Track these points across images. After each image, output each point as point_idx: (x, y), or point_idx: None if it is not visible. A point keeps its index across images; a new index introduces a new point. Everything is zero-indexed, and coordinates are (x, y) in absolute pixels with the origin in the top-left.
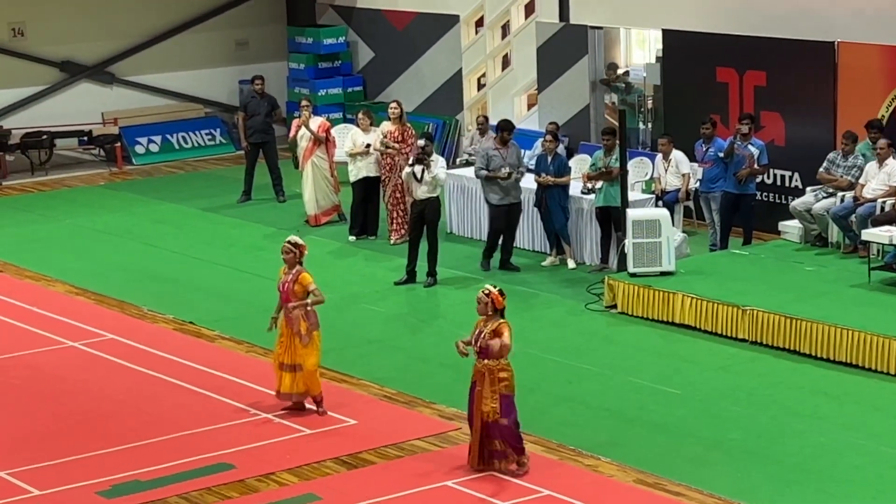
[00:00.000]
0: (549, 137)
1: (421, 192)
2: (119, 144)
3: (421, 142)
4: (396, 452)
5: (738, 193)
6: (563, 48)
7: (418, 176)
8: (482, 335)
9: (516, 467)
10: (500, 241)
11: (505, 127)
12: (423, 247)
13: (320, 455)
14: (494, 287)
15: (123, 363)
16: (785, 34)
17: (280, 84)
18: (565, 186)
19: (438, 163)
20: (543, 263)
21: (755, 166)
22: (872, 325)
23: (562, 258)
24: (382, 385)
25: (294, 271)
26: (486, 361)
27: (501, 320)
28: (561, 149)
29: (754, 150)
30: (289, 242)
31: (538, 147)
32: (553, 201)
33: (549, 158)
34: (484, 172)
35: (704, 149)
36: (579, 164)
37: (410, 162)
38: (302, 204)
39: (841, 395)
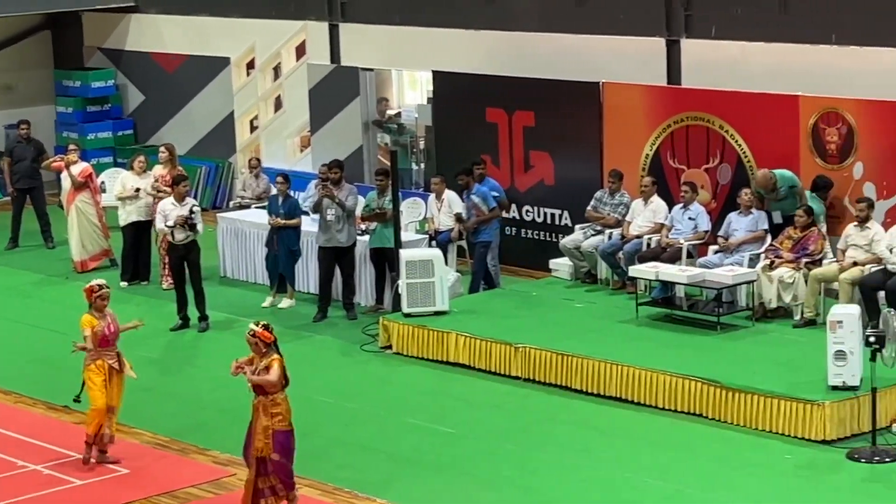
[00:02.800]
0: (280, 179)
1: (180, 235)
2: None
3: (186, 211)
4: (170, 501)
5: (475, 242)
6: (335, 90)
7: (177, 237)
8: (256, 371)
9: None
10: (330, 289)
11: (331, 166)
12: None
13: None
14: (257, 324)
15: None
16: (552, 75)
17: (47, 128)
18: (296, 228)
19: (196, 213)
20: (264, 305)
21: (485, 213)
22: (641, 360)
23: (281, 296)
24: (155, 433)
25: (108, 313)
26: (260, 397)
27: (275, 355)
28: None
29: (476, 200)
30: (106, 287)
31: (311, 189)
32: (282, 243)
33: (281, 200)
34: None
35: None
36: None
37: (172, 224)
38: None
39: (612, 430)
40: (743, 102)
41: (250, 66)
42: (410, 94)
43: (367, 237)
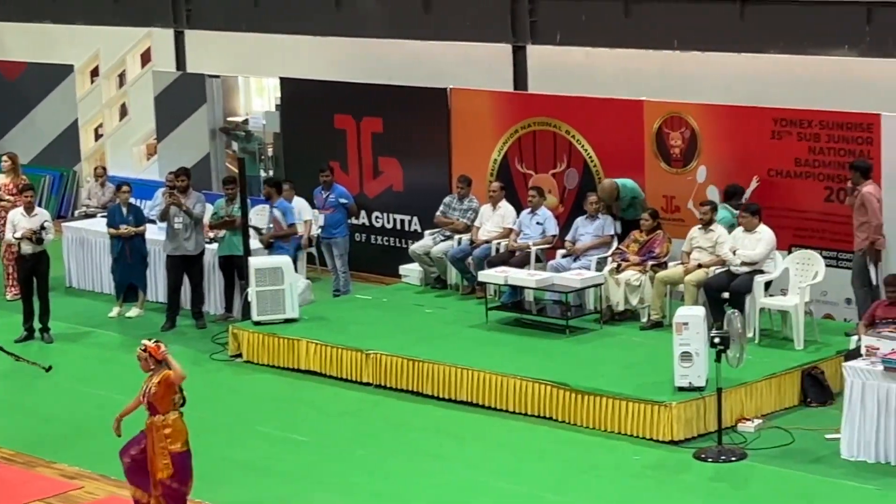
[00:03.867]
0: (125, 188)
1: (27, 247)
2: None
3: (37, 225)
4: None
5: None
6: (181, 97)
7: (24, 249)
8: (149, 390)
9: None
10: (179, 298)
11: (178, 174)
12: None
13: None
14: (149, 340)
15: None
16: (399, 81)
17: None
18: (143, 235)
19: (47, 228)
20: (111, 314)
21: (283, 228)
22: (491, 365)
23: (128, 305)
24: (0, 446)
25: None
26: (153, 417)
27: (165, 370)
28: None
29: (276, 213)
30: None
31: (158, 197)
32: (135, 251)
33: (126, 210)
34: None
35: (324, 195)
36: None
37: (19, 236)
38: None
39: (463, 435)
40: (588, 107)
41: (94, 73)
42: (258, 101)
43: (215, 245)
